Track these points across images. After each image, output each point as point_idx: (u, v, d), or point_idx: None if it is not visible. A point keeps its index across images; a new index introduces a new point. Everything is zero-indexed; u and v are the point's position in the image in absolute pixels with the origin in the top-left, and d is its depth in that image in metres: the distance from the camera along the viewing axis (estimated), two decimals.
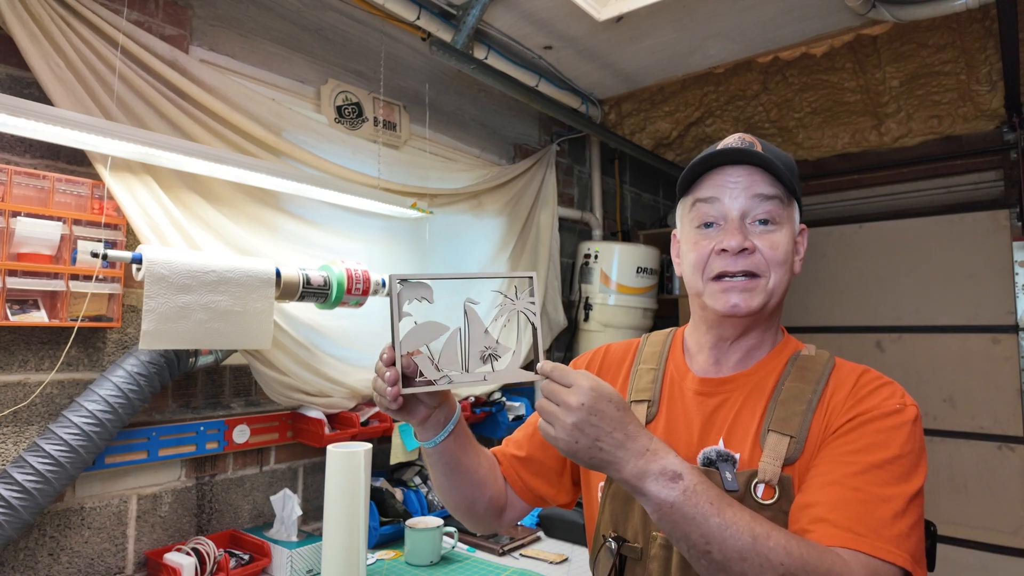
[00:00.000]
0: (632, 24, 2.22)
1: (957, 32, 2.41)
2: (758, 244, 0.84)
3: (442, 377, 0.82)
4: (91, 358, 1.47)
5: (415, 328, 0.82)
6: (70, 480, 1.33)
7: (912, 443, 0.77)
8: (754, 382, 0.88)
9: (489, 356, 0.83)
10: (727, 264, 0.85)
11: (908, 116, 3.07)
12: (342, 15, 2.04)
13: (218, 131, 1.65)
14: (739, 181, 0.85)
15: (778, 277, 0.85)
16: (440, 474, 0.96)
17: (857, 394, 0.82)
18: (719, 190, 0.86)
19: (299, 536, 1.66)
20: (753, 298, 0.84)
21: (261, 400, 1.80)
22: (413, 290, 0.82)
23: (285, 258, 1.78)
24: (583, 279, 2.99)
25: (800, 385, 0.85)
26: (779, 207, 0.86)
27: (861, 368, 0.87)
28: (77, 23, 1.41)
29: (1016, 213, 3.11)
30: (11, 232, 1.30)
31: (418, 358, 0.82)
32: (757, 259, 0.84)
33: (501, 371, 0.83)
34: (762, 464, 0.80)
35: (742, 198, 0.85)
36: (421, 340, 0.83)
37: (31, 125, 1.27)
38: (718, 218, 0.87)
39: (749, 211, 0.85)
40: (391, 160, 2.13)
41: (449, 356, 0.82)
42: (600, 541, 0.93)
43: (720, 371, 0.92)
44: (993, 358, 3.18)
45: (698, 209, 0.89)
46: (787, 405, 0.83)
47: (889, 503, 0.72)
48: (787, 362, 0.89)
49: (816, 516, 0.73)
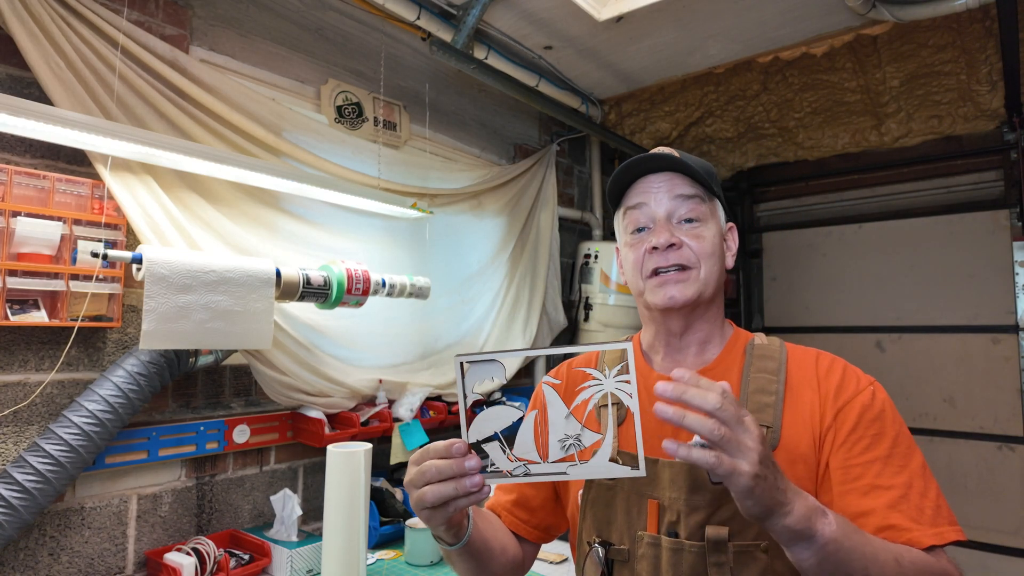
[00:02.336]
0: (632, 24, 2.22)
1: (957, 32, 2.41)
2: (685, 239, 0.91)
3: (517, 467, 0.72)
4: (91, 358, 1.47)
5: (485, 413, 0.74)
6: (70, 480, 1.33)
7: (894, 418, 0.85)
8: (718, 375, 0.91)
9: (571, 445, 0.72)
10: (659, 260, 0.91)
11: (908, 116, 3.07)
12: (342, 15, 2.04)
13: (218, 131, 1.65)
14: (661, 185, 0.93)
15: (708, 268, 0.91)
16: (474, 565, 0.89)
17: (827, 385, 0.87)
18: (645, 196, 0.93)
19: (299, 536, 1.66)
20: (687, 288, 0.90)
21: (261, 400, 1.80)
22: (483, 370, 0.73)
23: (285, 258, 1.78)
24: (583, 279, 2.99)
25: (764, 376, 0.89)
26: (700, 204, 0.92)
27: (812, 352, 0.93)
28: (77, 23, 1.41)
29: (1016, 213, 3.11)
30: (11, 232, 1.30)
31: (489, 448, 0.73)
32: (686, 252, 0.91)
33: (588, 464, 0.71)
34: None
35: (665, 200, 0.92)
36: (492, 427, 0.74)
37: (31, 125, 1.27)
38: (647, 221, 0.93)
39: (674, 211, 0.92)
40: (391, 160, 2.13)
41: (525, 444, 0.73)
42: (585, 548, 0.92)
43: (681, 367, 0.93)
44: (993, 358, 3.19)
45: (630, 216, 0.95)
46: (757, 397, 0.88)
47: (913, 487, 0.80)
48: (744, 352, 0.94)
49: (879, 525, 0.78)
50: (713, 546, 0.81)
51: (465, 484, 0.70)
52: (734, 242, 0.99)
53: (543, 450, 0.72)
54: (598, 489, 0.91)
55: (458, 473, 0.70)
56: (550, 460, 0.72)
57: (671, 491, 0.85)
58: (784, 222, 3.98)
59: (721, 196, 0.97)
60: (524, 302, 2.62)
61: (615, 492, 0.90)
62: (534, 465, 0.72)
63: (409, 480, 0.74)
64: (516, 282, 2.61)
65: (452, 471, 0.70)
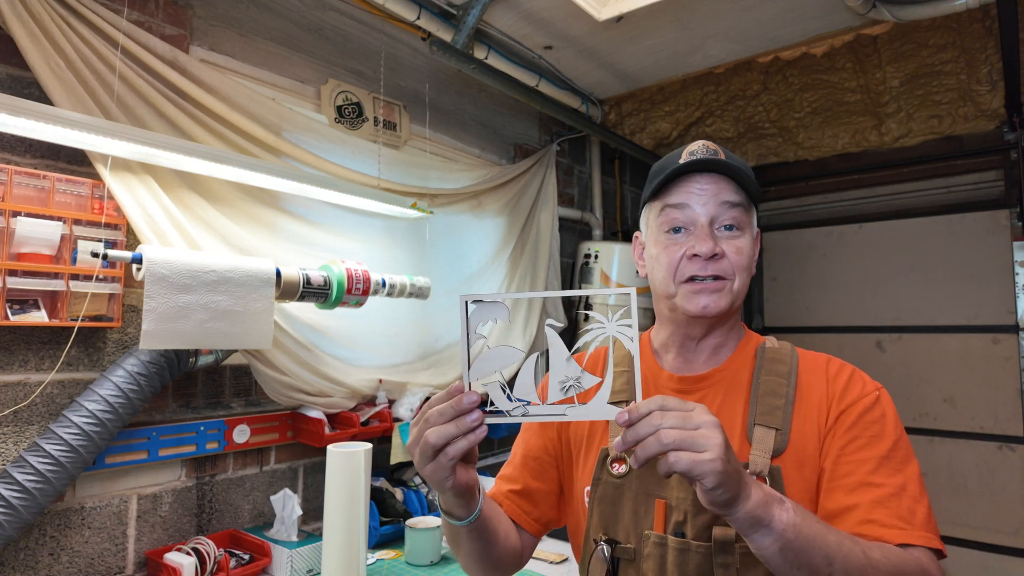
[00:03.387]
0: (632, 24, 2.22)
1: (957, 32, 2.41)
2: (725, 249, 0.89)
3: (516, 407, 0.72)
4: (91, 358, 1.47)
5: (487, 353, 0.73)
6: (70, 480, 1.33)
7: (896, 423, 0.85)
8: (729, 377, 0.92)
9: (570, 387, 0.73)
10: (698, 269, 0.88)
11: (908, 116, 3.07)
12: (342, 15, 2.04)
13: (218, 131, 1.65)
14: (707, 188, 0.89)
15: (742, 280, 0.90)
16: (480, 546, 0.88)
17: (834, 387, 0.87)
18: (688, 196, 0.90)
19: (299, 536, 1.66)
20: (721, 299, 0.88)
21: (261, 400, 1.80)
22: (486, 311, 0.73)
23: (285, 258, 1.78)
24: (583, 279, 2.99)
25: (775, 379, 0.89)
26: (743, 214, 0.90)
27: (823, 357, 0.92)
28: (77, 23, 1.41)
29: (1016, 213, 3.11)
30: (11, 232, 1.30)
31: (489, 386, 0.73)
32: (725, 264, 0.89)
33: (587, 406, 0.72)
34: (752, 457, 0.83)
35: (711, 205, 0.89)
36: (494, 366, 0.74)
37: (31, 125, 1.27)
38: (687, 223, 0.90)
39: (716, 217, 0.89)
40: (391, 160, 2.13)
41: (525, 385, 0.73)
42: (591, 546, 0.92)
43: (692, 368, 0.95)
44: (993, 358, 3.18)
45: (668, 214, 0.92)
46: (767, 399, 0.87)
47: (907, 490, 0.79)
48: (755, 355, 0.93)
49: (861, 519, 0.78)
50: (720, 547, 0.81)
51: (465, 421, 0.70)
52: (757, 249, 0.98)
53: (543, 392, 0.73)
54: (605, 487, 0.91)
55: (458, 412, 0.70)
56: (549, 402, 0.72)
57: (679, 491, 0.86)
58: (784, 222, 3.98)
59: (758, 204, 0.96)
60: (524, 302, 2.62)
61: (623, 491, 0.90)
62: (533, 407, 0.72)
63: (412, 438, 0.74)
64: (516, 282, 2.61)
65: (452, 411, 0.70)
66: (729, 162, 0.89)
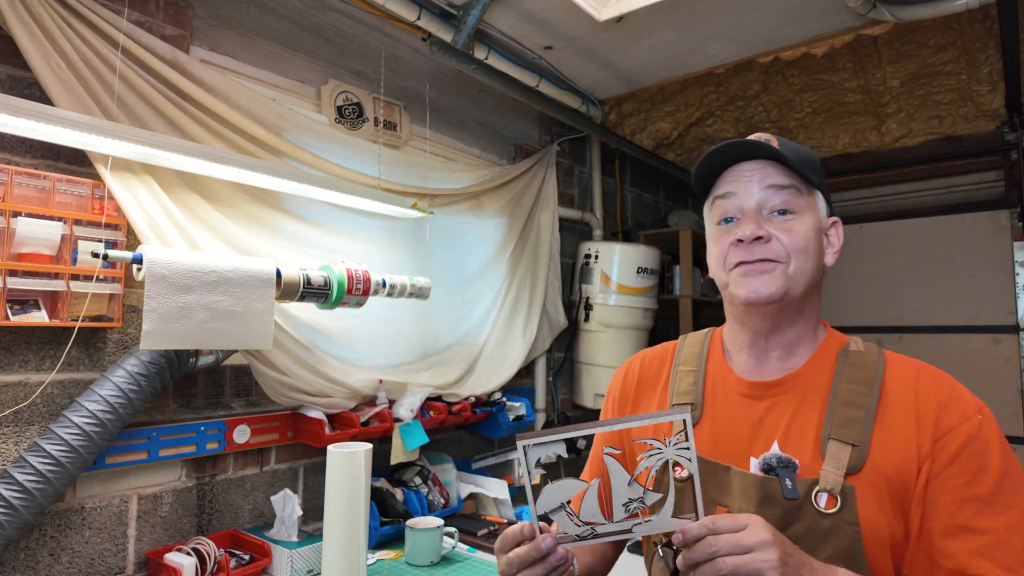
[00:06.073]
0: (632, 24, 2.22)
1: (958, 32, 2.40)
2: (774, 232, 0.84)
3: (585, 530, 0.76)
4: (92, 358, 1.47)
5: (550, 487, 0.77)
6: (71, 480, 1.33)
7: (1003, 451, 0.77)
8: (805, 383, 0.86)
9: (635, 507, 0.76)
10: (743, 254, 0.85)
11: (909, 116, 3.07)
12: (342, 15, 2.04)
13: (218, 131, 1.65)
14: (753, 174, 0.86)
15: (799, 263, 0.84)
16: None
17: (927, 406, 0.79)
18: (734, 185, 0.87)
19: (299, 536, 1.66)
20: (772, 281, 0.83)
21: (261, 400, 1.80)
22: (542, 450, 0.76)
23: (285, 258, 1.78)
24: (583, 279, 2.99)
25: (856, 387, 0.83)
26: (795, 196, 0.85)
27: (914, 366, 0.84)
28: (78, 23, 1.41)
29: (1017, 213, 3.11)
30: (12, 232, 1.30)
31: (557, 516, 0.77)
32: (774, 246, 0.84)
33: (651, 521, 0.75)
34: (823, 473, 0.79)
35: (756, 189, 0.86)
36: (558, 499, 0.77)
37: (32, 125, 1.27)
38: (736, 212, 0.87)
39: (765, 202, 0.86)
40: (391, 160, 2.13)
41: (590, 508, 0.76)
42: (652, 549, 0.92)
43: (764, 371, 0.90)
44: (994, 358, 3.18)
45: (718, 206, 0.90)
46: (845, 411, 0.81)
47: (1019, 530, 0.73)
48: (836, 359, 0.87)
49: (954, 570, 0.74)
50: None
51: (551, 561, 0.74)
52: (838, 238, 0.91)
53: (608, 514, 0.76)
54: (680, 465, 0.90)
55: (538, 556, 0.74)
56: (616, 520, 0.76)
57: (741, 501, 0.83)
58: None
59: (824, 188, 0.90)
60: (524, 302, 2.62)
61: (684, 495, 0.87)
62: (600, 526, 0.76)
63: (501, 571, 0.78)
64: (516, 282, 2.61)
65: (532, 556, 0.74)
66: (770, 145, 0.84)
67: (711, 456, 0.88)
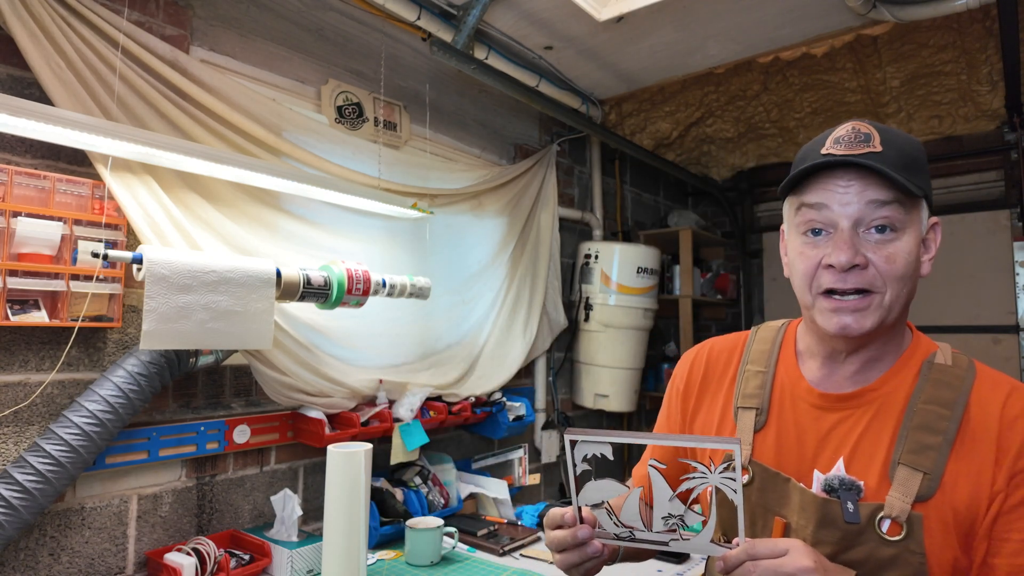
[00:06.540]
0: (632, 24, 2.22)
1: (958, 32, 2.40)
2: (872, 258, 0.74)
3: (624, 531, 0.77)
4: (91, 358, 1.47)
5: (593, 484, 0.79)
6: (71, 480, 1.33)
7: None
8: (880, 398, 0.80)
9: (675, 523, 0.75)
10: (835, 281, 0.76)
11: (908, 116, 3.07)
12: (342, 15, 2.04)
13: (218, 131, 1.65)
14: (851, 185, 0.75)
15: (895, 292, 0.75)
16: None
17: (1011, 436, 0.73)
18: (827, 195, 0.76)
19: (299, 536, 1.66)
20: (866, 318, 0.75)
21: (261, 400, 1.80)
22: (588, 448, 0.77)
23: (285, 258, 1.78)
24: (583, 279, 2.99)
25: (935, 409, 0.76)
26: (899, 211, 0.75)
27: (1006, 387, 0.76)
28: (78, 23, 1.41)
29: (1017, 213, 3.11)
30: (12, 232, 1.30)
31: (597, 513, 0.78)
32: (871, 275, 0.75)
33: (690, 541, 0.74)
34: (890, 499, 0.74)
35: (854, 204, 0.74)
36: (599, 496, 0.79)
37: (32, 125, 1.27)
38: (827, 225, 0.77)
39: (863, 218, 0.75)
40: (391, 160, 2.13)
41: (631, 513, 0.77)
42: None
43: (836, 383, 0.84)
44: (994, 358, 3.18)
45: (803, 214, 0.79)
46: (920, 435, 0.75)
47: None
48: (918, 373, 0.80)
49: None
50: None
51: (587, 551, 0.77)
52: (935, 242, 0.82)
53: (647, 522, 0.77)
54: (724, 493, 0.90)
55: (573, 543, 0.77)
56: (654, 531, 0.77)
57: (800, 517, 0.81)
58: None
59: (928, 189, 0.78)
60: (524, 302, 2.62)
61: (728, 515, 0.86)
62: (640, 532, 0.78)
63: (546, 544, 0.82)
64: (516, 282, 2.61)
65: (568, 542, 0.77)
66: (873, 164, 0.72)
67: (774, 465, 0.85)
